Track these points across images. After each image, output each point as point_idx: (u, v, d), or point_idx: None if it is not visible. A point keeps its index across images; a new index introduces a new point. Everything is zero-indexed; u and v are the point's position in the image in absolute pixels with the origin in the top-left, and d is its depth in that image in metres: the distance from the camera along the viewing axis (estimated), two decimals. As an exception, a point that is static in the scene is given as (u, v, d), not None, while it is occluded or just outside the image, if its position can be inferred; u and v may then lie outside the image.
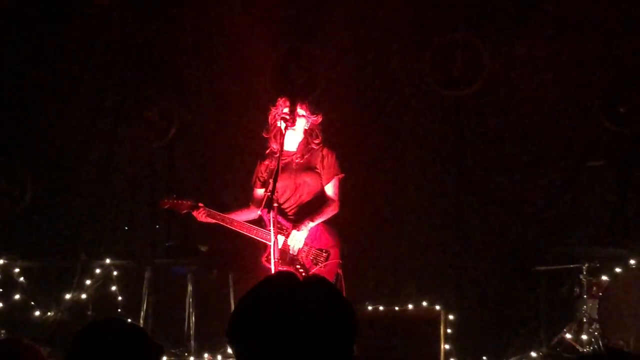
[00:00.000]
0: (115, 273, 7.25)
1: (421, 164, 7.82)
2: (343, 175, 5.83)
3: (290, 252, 5.52)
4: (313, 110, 5.82)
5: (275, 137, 5.73)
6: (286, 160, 5.68)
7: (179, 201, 5.88)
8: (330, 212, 5.71)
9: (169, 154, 8.19)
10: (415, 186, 7.82)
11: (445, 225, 7.71)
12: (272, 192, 5.21)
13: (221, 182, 7.84)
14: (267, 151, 5.85)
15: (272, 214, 5.19)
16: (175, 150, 8.21)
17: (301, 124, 5.74)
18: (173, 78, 8.25)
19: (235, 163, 7.63)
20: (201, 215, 5.78)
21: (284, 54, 8.12)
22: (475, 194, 7.72)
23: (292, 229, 5.54)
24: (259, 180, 5.87)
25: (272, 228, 5.20)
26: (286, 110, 5.68)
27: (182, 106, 8.24)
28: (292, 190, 5.70)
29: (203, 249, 7.29)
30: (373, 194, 7.76)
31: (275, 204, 5.27)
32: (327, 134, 5.91)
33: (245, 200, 6.00)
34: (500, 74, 7.67)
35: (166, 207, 5.97)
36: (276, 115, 5.72)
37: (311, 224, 5.58)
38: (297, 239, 5.53)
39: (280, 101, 5.75)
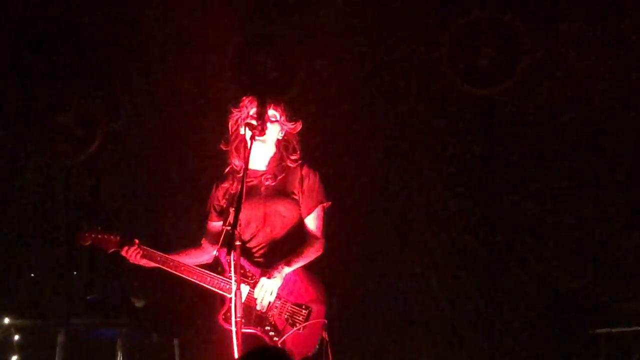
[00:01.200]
0: (16, 337, 7.27)
1: (435, 187, 7.85)
2: (329, 203, 5.84)
3: (258, 308, 5.51)
4: (289, 115, 5.84)
5: (237, 150, 5.76)
6: (252, 183, 5.70)
7: (105, 236, 5.86)
8: (312, 253, 5.71)
9: (91, 173, 8.22)
10: (428, 217, 7.87)
11: (469, 270, 7.74)
12: (234, 225, 5.14)
13: (163, 211, 7.86)
14: (227, 170, 5.88)
15: (232, 256, 5.12)
16: (100, 167, 8.24)
17: (273, 132, 5.76)
18: (97, 70, 8.25)
19: (183, 186, 7.72)
20: (135, 256, 5.76)
21: (251, 38, 8.12)
22: (509, 230, 7.74)
23: (261, 276, 5.52)
24: (215, 209, 5.90)
25: (233, 275, 5.12)
26: (253, 113, 5.66)
27: (109, 109, 8.24)
28: (260, 223, 5.70)
29: (138, 304, 7.33)
30: (369, 229, 7.80)
31: (238, 242, 5.17)
32: (308, 147, 5.89)
33: (196, 236, 6.00)
34: (543, 65, 7.67)
35: (87, 243, 5.92)
36: (239, 120, 5.74)
37: (287, 269, 5.56)
38: (268, 290, 5.50)
39: (245, 101, 5.77)
